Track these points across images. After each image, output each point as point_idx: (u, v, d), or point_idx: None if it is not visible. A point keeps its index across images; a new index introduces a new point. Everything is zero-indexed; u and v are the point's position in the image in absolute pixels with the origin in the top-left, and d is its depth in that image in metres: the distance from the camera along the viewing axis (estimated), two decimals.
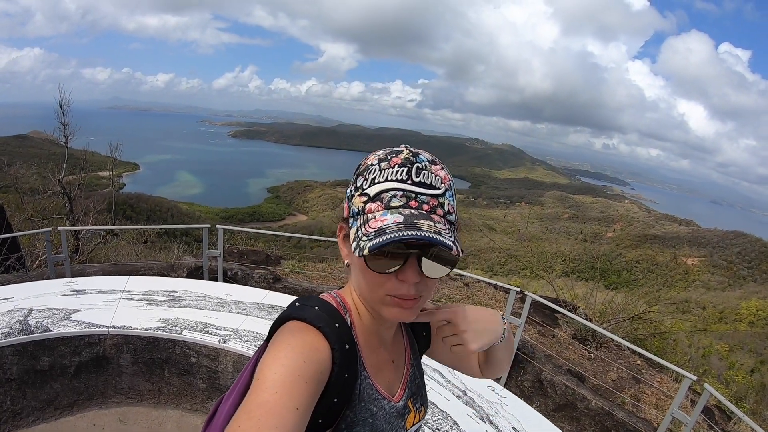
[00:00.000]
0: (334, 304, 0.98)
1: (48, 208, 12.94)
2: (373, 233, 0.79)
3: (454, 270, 7.87)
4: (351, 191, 0.90)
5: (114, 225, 13.17)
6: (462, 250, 0.83)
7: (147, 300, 4.17)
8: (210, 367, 3.73)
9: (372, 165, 0.87)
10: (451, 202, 0.87)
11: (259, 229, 9.74)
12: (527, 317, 5.38)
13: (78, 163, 14.12)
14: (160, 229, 9.80)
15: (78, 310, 3.80)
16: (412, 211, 0.82)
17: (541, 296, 6.24)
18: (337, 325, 0.91)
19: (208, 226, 6.53)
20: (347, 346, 0.90)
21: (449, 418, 3.14)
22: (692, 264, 71.34)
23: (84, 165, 14.17)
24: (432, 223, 0.80)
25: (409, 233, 0.77)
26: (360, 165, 0.90)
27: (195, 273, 6.39)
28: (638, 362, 6.11)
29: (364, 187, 0.86)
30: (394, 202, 0.83)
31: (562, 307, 6.11)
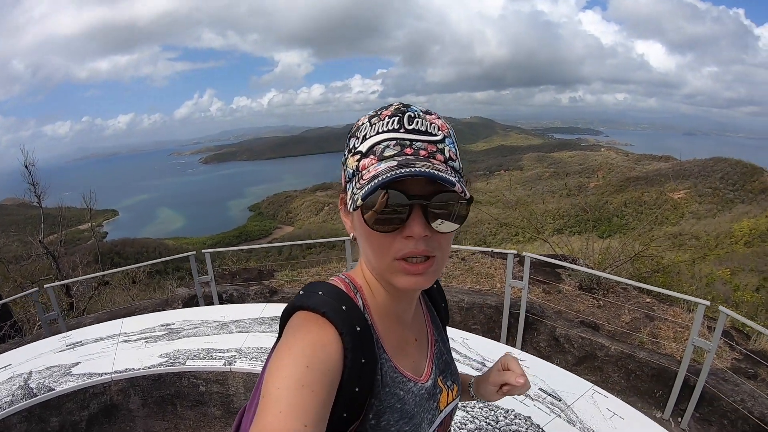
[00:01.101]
0: (342, 286, 0.92)
1: (35, 271, 12.74)
2: (366, 183, 0.75)
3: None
4: (344, 155, 0.85)
5: (104, 276, 13.01)
6: (471, 196, 0.77)
7: (145, 338, 4.08)
8: (221, 392, 3.66)
9: (362, 123, 0.83)
10: (453, 150, 0.82)
11: (245, 246, 9.65)
12: (529, 278, 5.34)
13: (55, 221, 13.93)
14: (146, 266, 9.65)
15: (77, 363, 3.71)
16: (408, 157, 0.77)
17: (539, 255, 6.22)
18: (344, 307, 0.85)
19: (194, 253, 6.43)
20: (358, 329, 0.83)
21: None
22: (679, 197, 72.26)
23: (62, 222, 13.98)
24: (430, 165, 0.75)
25: (403, 171, 0.72)
26: (351, 127, 0.87)
27: (190, 302, 6.32)
28: (648, 300, 6.11)
29: (356, 146, 0.82)
30: (388, 152, 0.78)
31: (561, 261, 6.10)
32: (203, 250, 6.44)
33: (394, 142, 0.78)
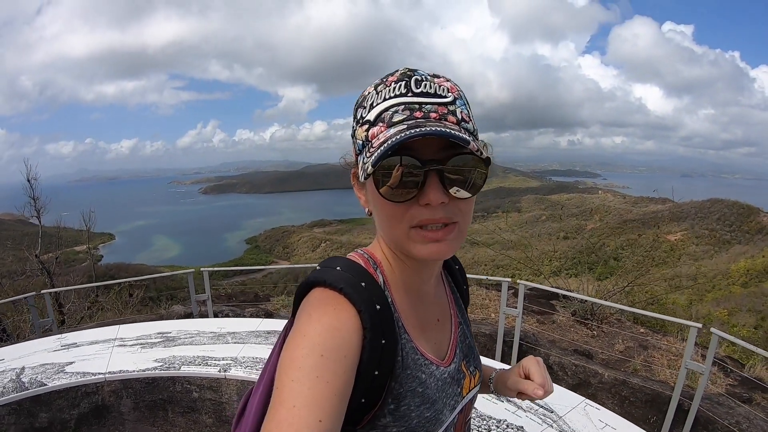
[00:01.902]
0: (361, 262, 0.87)
1: (29, 287, 12.67)
2: (376, 150, 0.71)
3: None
4: (353, 127, 0.82)
5: (97, 295, 12.95)
6: (488, 157, 0.74)
7: (141, 344, 4.09)
8: (213, 399, 3.65)
9: (368, 93, 0.80)
10: (465, 111, 0.78)
11: (244, 268, 9.69)
12: (524, 308, 5.39)
13: (52, 240, 13.91)
14: (142, 287, 9.65)
15: (71, 363, 3.72)
16: (418, 120, 0.73)
17: (533, 283, 6.28)
18: (363, 284, 0.80)
19: (192, 270, 6.48)
20: (378, 307, 0.78)
21: None
22: (675, 239, 72.51)
23: (58, 241, 13.97)
24: (442, 126, 0.71)
25: (412, 131, 0.68)
26: (357, 99, 0.83)
27: (186, 318, 6.31)
28: (642, 330, 6.15)
29: (364, 116, 0.78)
30: (397, 117, 0.74)
31: (556, 289, 6.17)
32: (202, 269, 6.49)
33: (403, 106, 0.74)
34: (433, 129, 0.68)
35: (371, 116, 0.77)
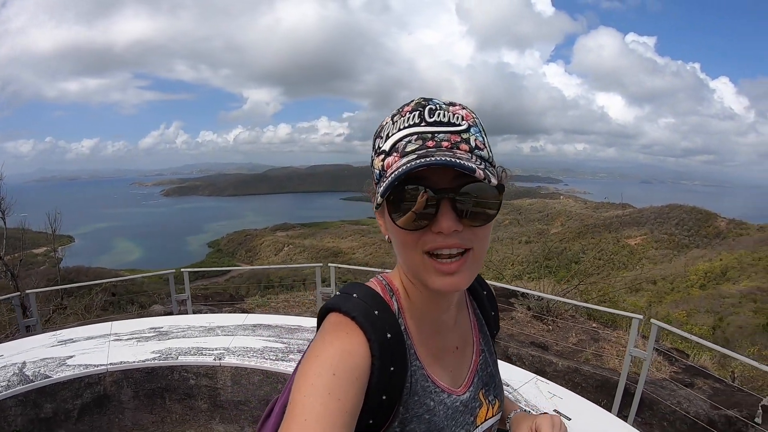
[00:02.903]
0: (379, 289, 0.91)
1: None
2: (387, 180, 0.75)
3: None
4: (372, 157, 0.85)
5: (62, 299, 12.85)
6: (502, 184, 0.77)
7: (136, 338, 4.37)
8: (209, 385, 3.98)
9: (386, 123, 0.82)
10: (480, 139, 0.79)
11: (222, 268, 9.91)
12: None
13: (13, 242, 13.66)
14: (120, 281, 9.76)
15: (72, 356, 3.96)
16: (429, 149, 0.75)
17: (494, 283, 6.77)
18: (376, 312, 0.84)
19: (173, 271, 6.74)
20: (389, 336, 0.82)
21: None
22: (635, 243, 74.77)
23: (20, 244, 13.75)
24: (452, 155, 0.73)
25: (418, 162, 0.72)
26: (377, 129, 0.85)
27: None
28: (594, 325, 6.70)
29: (381, 146, 0.81)
30: (410, 147, 0.76)
31: (515, 288, 6.67)
32: (182, 269, 6.76)
33: (416, 136, 0.76)
34: (438, 159, 0.71)
35: (387, 146, 0.79)
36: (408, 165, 0.72)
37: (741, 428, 4.34)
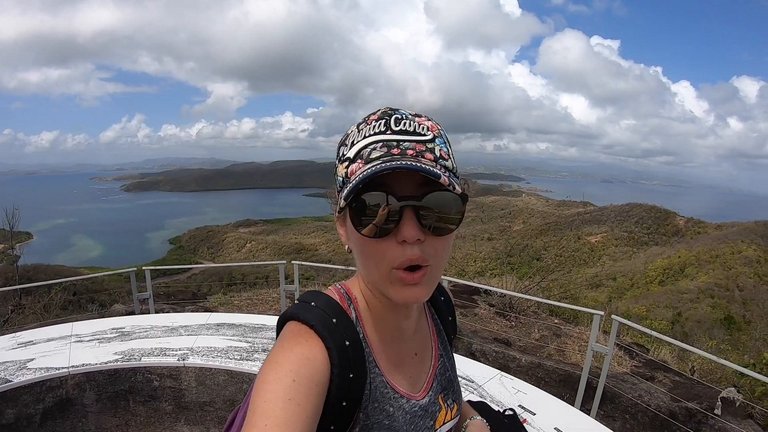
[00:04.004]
0: (337, 297, 0.92)
1: None
2: (350, 185, 0.75)
3: None
4: (335, 165, 0.85)
5: (20, 298, 12.47)
6: (465, 194, 0.78)
7: (98, 339, 4.29)
8: (173, 387, 3.94)
9: (351, 131, 0.83)
10: (444, 149, 0.80)
11: (185, 266, 9.79)
12: None
13: None
14: (80, 280, 9.53)
15: (32, 359, 3.87)
16: (394, 156, 0.76)
17: (453, 278, 6.91)
18: (334, 320, 0.85)
19: (134, 269, 6.64)
20: (347, 343, 0.83)
21: None
22: (596, 241, 76.76)
23: None
24: (417, 162, 0.75)
25: (383, 165, 0.73)
26: (341, 137, 0.86)
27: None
28: (556, 321, 6.89)
29: (345, 153, 0.82)
30: (374, 154, 0.77)
31: (478, 284, 6.80)
32: (144, 267, 6.66)
33: (381, 143, 0.77)
34: (404, 164, 0.72)
35: (351, 154, 0.79)
36: (373, 168, 0.73)
37: (701, 420, 4.56)
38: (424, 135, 0.78)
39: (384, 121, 0.79)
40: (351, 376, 0.81)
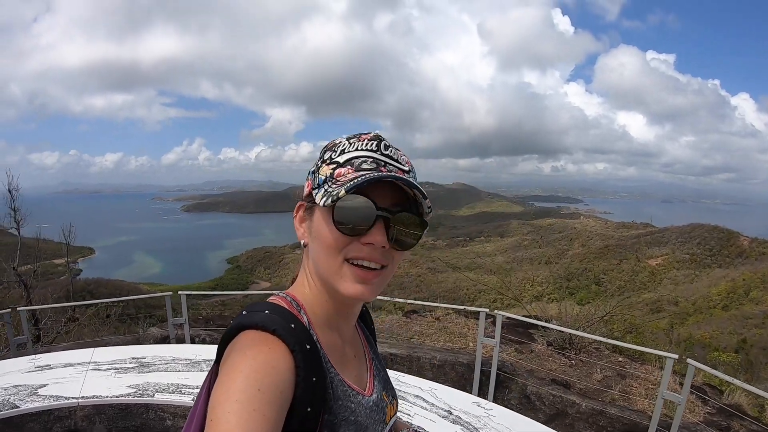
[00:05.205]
0: (285, 305, 0.91)
1: (5, 300, 12.41)
2: (348, 180, 0.82)
3: (424, 305, 7.95)
4: (317, 165, 0.91)
5: (74, 310, 12.73)
6: (427, 222, 0.88)
7: (115, 369, 4.05)
8: None
9: (340, 141, 0.90)
10: (417, 182, 0.87)
11: (221, 293, 9.65)
12: (501, 336, 5.44)
13: (30, 252, 13.66)
14: (120, 305, 9.54)
15: (45, 385, 3.66)
16: (383, 171, 0.85)
17: (509, 314, 6.36)
18: (292, 326, 0.84)
19: (170, 293, 6.48)
20: (308, 347, 0.83)
21: None
22: (656, 264, 73.64)
23: (37, 253, 13.72)
24: (405, 176, 0.84)
25: (392, 174, 0.83)
26: (326, 145, 0.93)
27: (162, 342, 6.27)
28: (620, 359, 6.25)
29: (333, 157, 0.88)
30: (365, 166, 0.85)
31: (533, 320, 6.23)
32: (179, 292, 6.48)
33: (371, 159, 0.86)
34: (404, 178, 0.82)
35: (341, 159, 0.87)
36: (378, 173, 0.83)
37: None
38: (404, 166, 0.89)
39: (376, 143, 0.88)
40: (314, 379, 0.82)
